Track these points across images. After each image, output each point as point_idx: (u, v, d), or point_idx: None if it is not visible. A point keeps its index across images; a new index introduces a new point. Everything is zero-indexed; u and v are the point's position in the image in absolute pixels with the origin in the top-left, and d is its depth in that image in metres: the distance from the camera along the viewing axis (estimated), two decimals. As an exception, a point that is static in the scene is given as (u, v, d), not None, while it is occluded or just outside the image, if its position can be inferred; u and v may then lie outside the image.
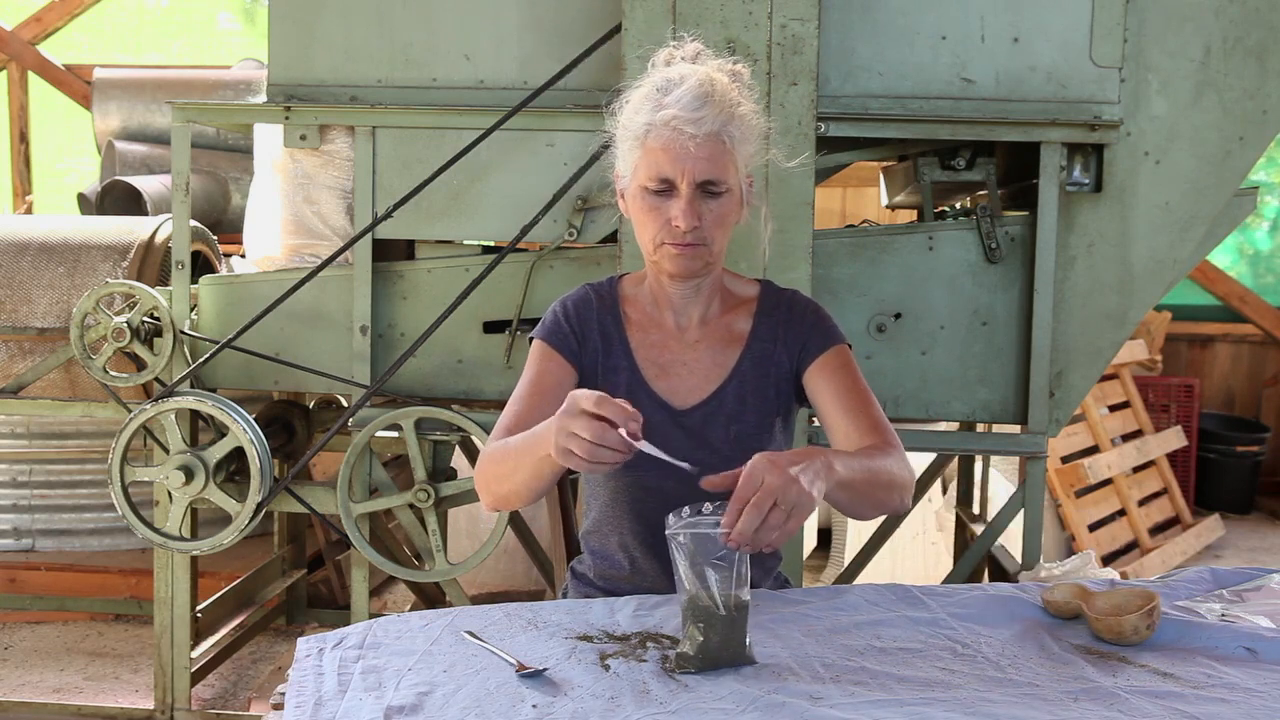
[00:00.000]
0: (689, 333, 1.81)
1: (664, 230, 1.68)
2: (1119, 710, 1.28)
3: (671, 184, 1.65)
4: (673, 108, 1.62)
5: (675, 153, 1.63)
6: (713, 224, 1.68)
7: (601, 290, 1.85)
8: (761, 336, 1.81)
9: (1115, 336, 2.65)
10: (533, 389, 1.77)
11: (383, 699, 1.29)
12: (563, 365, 1.79)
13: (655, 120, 1.64)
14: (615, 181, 1.78)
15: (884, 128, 2.60)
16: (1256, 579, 1.74)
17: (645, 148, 1.66)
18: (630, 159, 1.70)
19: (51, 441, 3.94)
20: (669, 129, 1.62)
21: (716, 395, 1.78)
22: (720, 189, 1.67)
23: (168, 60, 6.49)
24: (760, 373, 1.79)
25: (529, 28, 2.73)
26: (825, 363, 1.78)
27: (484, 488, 1.69)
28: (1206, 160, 2.61)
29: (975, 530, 3.43)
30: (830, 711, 1.25)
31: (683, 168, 1.63)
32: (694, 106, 1.62)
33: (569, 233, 2.70)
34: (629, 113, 1.70)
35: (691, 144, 1.62)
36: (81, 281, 3.23)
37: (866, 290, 2.67)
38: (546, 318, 1.84)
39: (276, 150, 2.82)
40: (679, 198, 1.65)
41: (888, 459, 1.62)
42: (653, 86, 1.67)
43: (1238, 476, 5.79)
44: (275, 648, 3.69)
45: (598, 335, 1.81)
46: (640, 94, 1.69)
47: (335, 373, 2.77)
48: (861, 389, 1.75)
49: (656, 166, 1.65)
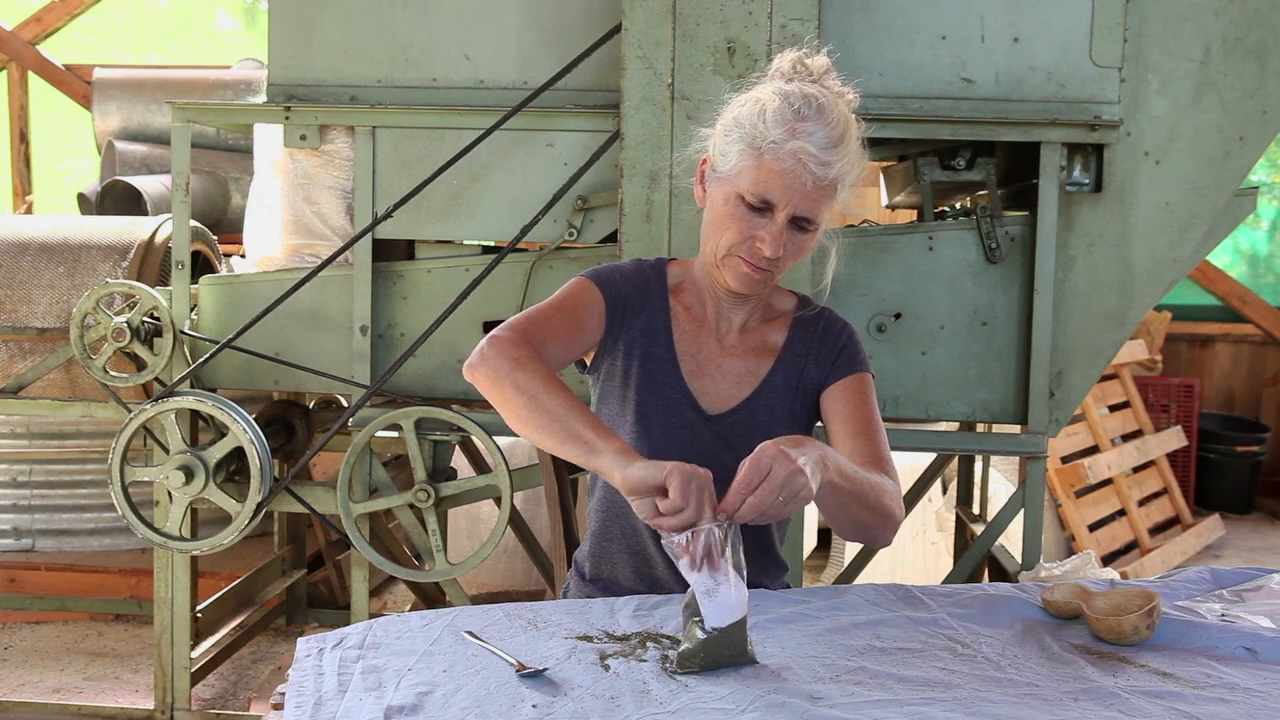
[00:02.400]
0: (728, 337, 1.81)
1: (744, 245, 1.66)
2: (1119, 710, 1.28)
3: (770, 207, 1.64)
4: (805, 140, 1.59)
5: (790, 183, 1.61)
6: (789, 255, 1.68)
7: (653, 269, 1.83)
8: (795, 350, 1.81)
9: (1115, 336, 2.65)
10: (562, 311, 1.72)
11: (383, 699, 1.29)
12: (600, 312, 1.75)
13: (784, 145, 1.60)
14: (701, 164, 1.74)
15: (884, 128, 2.60)
16: (1256, 579, 1.74)
17: (761, 163, 1.62)
18: (736, 160, 1.65)
19: (51, 441, 3.94)
20: (794, 159, 1.60)
21: (747, 404, 1.78)
22: (811, 227, 1.67)
23: (167, 60, 6.49)
24: (789, 385, 1.80)
25: (529, 28, 2.73)
26: (846, 385, 1.78)
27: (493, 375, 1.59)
28: (1206, 160, 2.61)
29: (975, 530, 3.43)
30: (830, 711, 1.25)
31: (790, 199, 1.62)
32: (826, 147, 1.60)
33: (569, 233, 2.70)
34: (753, 114, 1.64)
35: (810, 181, 1.61)
36: (81, 281, 3.23)
37: (866, 290, 2.67)
38: (601, 269, 1.81)
39: (276, 150, 2.82)
40: (772, 223, 1.64)
41: (883, 482, 1.61)
42: (788, 103, 1.62)
43: (1238, 476, 5.79)
44: (275, 648, 3.69)
45: (645, 318, 1.79)
46: (773, 103, 1.63)
47: (335, 373, 2.78)
48: (874, 419, 1.75)
49: (765, 186, 1.62)
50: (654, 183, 2.53)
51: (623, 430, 1.79)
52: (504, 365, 1.60)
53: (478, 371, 1.62)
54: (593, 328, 1.76)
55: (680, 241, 2.53)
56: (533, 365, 1.59)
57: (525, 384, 1.57)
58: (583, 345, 1.76)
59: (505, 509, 2.72)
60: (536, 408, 1.56)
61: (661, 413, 1.77)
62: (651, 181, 2.53)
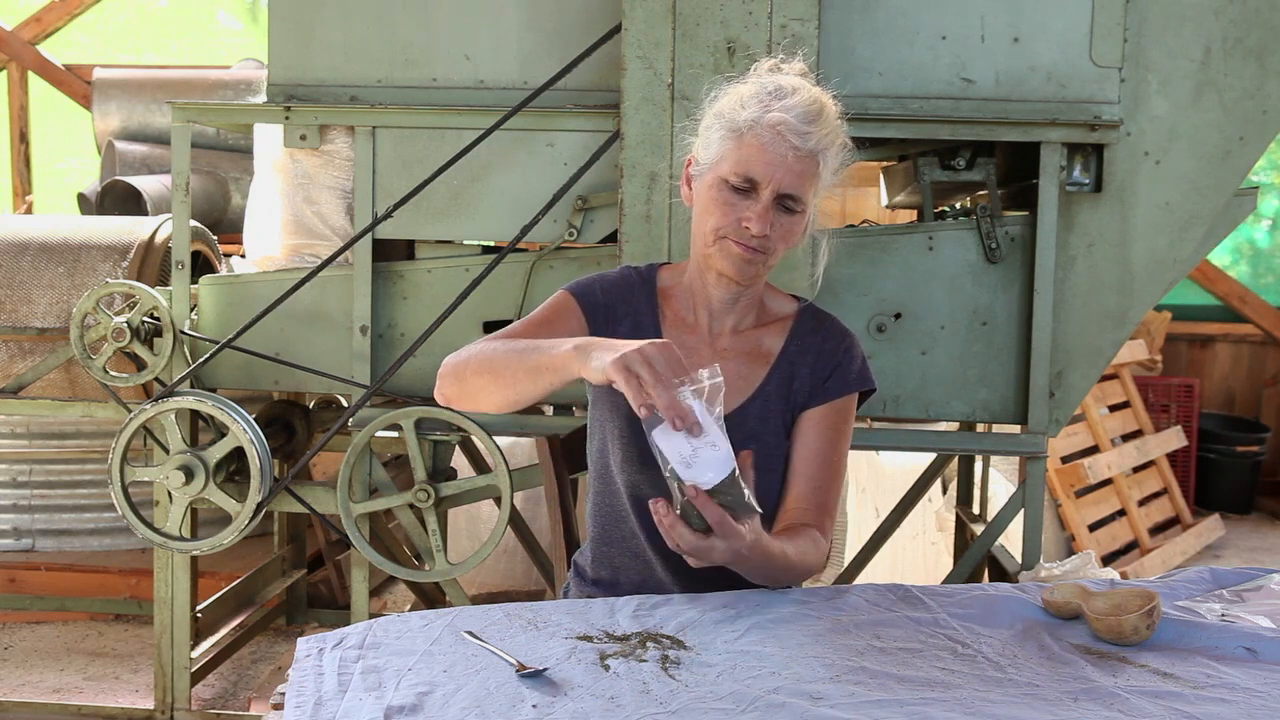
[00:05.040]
0: (721, 339, 1.80)
1: (731, 226, 1.67)
2: (1119, 710, 1.28)
3: (755, 185, 1.65)
4: (783, 113, 1.62)
5: (771, 157, 1.63)
6: (779, 237, 1.68)
7: (641, 275, 1.84)
8: (791, 358, 1.79)
9: (1115, 336, 2.65)
10: (542, 326, 1.74)
11: (383, 699, 1.29)
12: (580, 325, 1.77)
13: (762, 120, 1.63)
14: (686, 166, 1.76)
15: (884, 128, 2.60)
16: (1256, 579, 1.74)
17: (742, 142, 1.65)
18: (718, 147, 1.68)
19: (51, 441, 3.94)
20: (773, 132, 1.63)
21: (739, 412, 1.77)
22: (798, 207, 1.67)
23: (168, 60, 6.49)
24: (783, 394, 1.78)
25: (529, 28, 2.73)
26: (824, 415, 1.77)
27: (453, 374, 1.64)
28: (1206, 160, 2.61)
29: (975, 530, 3.43)
30: (830, 711, 1.25)
31: (773, 174, 1.64)
32: (804, 119, 1.63)
33: (569, 233, 2.70)
34: (731, 103, 1.68)
35: (791, 154, 1.63)
36: (81, 281, 3.23)
37: (866, 290, 2.67)
38: (583, 279, 1.82)
39: (276, 150, 2.82)
40: (758, 201, 1.65)
41: (807, 547, 1.63)
42: (763, 88, 1.67)
43: (1238, 476, 5.79)
44: (275, 648, 3.69)
45: (630, 322, 1.79)
46: (749, 90, 1.68)
47: (335, 373, 2.78)
48: (835, 460, 1.76)
49: (747, 164, 1.65)
50: (654, 183, 2.53)
51: (612, 434, 1.79)
52: (455, 362, 1.64)
53: (442, 386, 1.66)
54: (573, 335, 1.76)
55: (680, 241, 2.54)
56: (478, 347, 1.63)
57: (478, 362, 1.61)
58: None
59: (505, 509, 2.72)
60: (495, 372, 1.58)
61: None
62: (651, 181, 2.53)
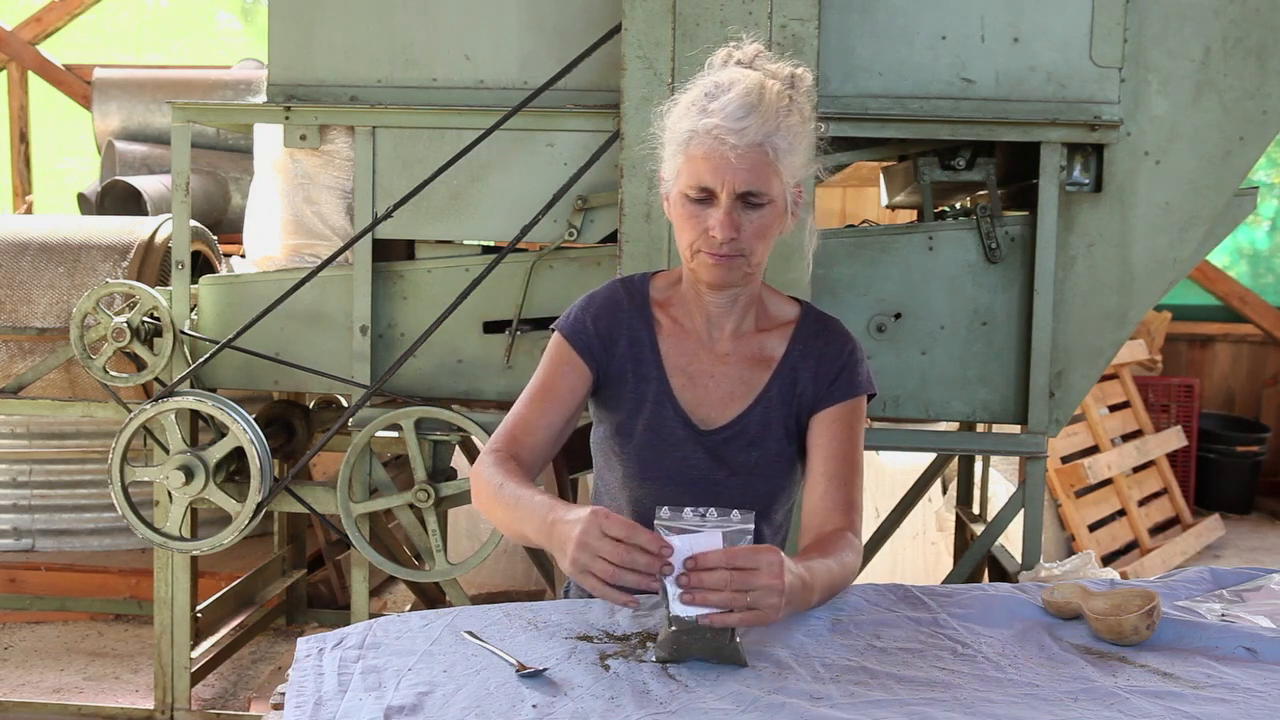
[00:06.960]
0: (720, 344, 1.78)
1: (701, 239, 1.65)
2: (1119, 710, 1.28)
3: (711, 193, 1.63)
4: (716, 116, 1.60)
5: (716, 162, 1.60)
6: (752, 235, 1.65)
7: (632, 288, 1.82)
8: (794, 363, 1.78)
9: (1115, 336, 2.65)
10: (544, 391, 1.76)
11: (383, 699, 1.29)
12: (579, 369, 1.77)
13: (698, 128, 1.61)
14: (660, 184, 1.75)
15: (884, 128, 2.60)
16: (1256, 579, 1.74)
17: (688, 155, 1.63)
18: (674, 164, 1.67)
19: (51, 441, 3.94)
20: (711, 138, 1.60)
21: (741, 419, 1.77)
22: (761, 200, 1.63)
23: (168, 60, 6.49)
24: (785, 400, 1.77)
25: (529, 28, 2.73)
26: (837, 415, 1.76)
27: (478, 501, 1.70)
28: (1206, 160, 2.61)
29: (975, 530, 3.43)
30: (830, 711, 1.25)
31: (723, 178, 1.61)
32: (738, 115, 1.59)
33: (569, 233, 2.70)
34: (675, 117, 1.67)
35: (733, 154, 1.59)
36: (81, 281, 3.23)
37: (866, 290, 2.67)
38: (573, 311, 1.81)
39: (276, 150, 2.82)
40: (718, 207, 1.63)
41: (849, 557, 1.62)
42: (701, 92, 1.64)
43: (1238, 476, 5.79)
44: (275, 648, 3.69)
45: (626, 339, 1.78)
46: (687, 98, 1.66)
47: (335, 373, 2.77)
48: (853, 459, 1.74)
49: (697, 175, 1.63)
50: (654, 183, 2.53)
51: (615, 451, 1.80)
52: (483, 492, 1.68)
53: (474, 495, 1.72)
54: (577, 386, 1.77)
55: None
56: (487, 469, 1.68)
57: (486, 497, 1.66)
58: (575, 405, 1.78)
59: (505, 509, 2.71)
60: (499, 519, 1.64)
61: (652, 432, 1.77)
62: (651, 182, 2.53)
